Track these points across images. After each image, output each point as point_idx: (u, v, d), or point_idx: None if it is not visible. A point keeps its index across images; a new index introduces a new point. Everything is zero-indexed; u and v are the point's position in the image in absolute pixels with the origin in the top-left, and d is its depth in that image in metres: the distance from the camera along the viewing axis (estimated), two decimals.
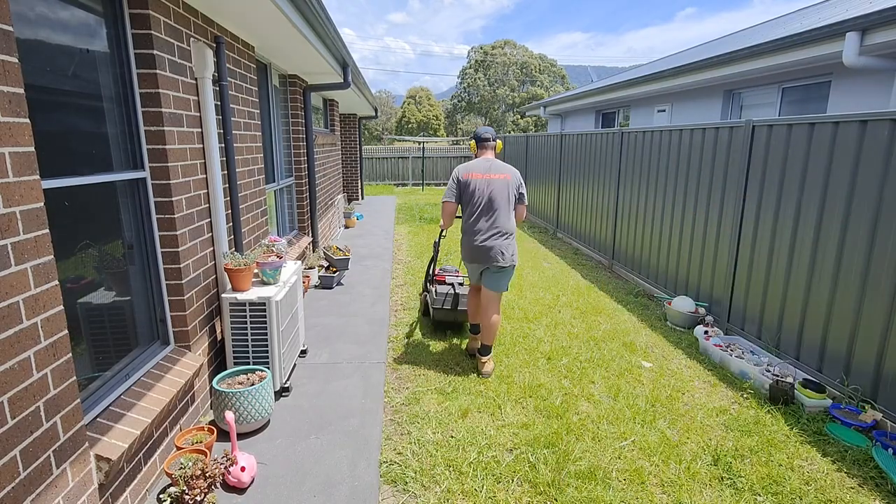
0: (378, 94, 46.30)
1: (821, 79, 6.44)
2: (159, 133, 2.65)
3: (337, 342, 4.30)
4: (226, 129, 3.46)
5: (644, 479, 2.68)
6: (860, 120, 3.31)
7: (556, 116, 16.26)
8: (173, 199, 2.75)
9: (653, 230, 5.99)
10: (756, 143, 4.28)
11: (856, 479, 2.70)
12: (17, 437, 1.59)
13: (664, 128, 5.74)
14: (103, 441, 2.07)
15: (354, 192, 13.80)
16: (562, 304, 5.61)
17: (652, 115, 10.43)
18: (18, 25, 1.84)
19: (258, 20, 3.53)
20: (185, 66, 2.92)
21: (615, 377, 3.86)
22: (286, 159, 6.10)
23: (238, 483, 2.45)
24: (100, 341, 2.41)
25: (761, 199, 4.22)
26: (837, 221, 3.47)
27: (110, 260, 2.50)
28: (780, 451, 2.94)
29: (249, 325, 3.18)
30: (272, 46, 4.51)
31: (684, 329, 4.86)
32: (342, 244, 6.65)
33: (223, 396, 2.82)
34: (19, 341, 1.61)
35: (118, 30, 2.48)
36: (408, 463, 2.78)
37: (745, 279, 4.42)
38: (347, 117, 13.03)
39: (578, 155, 8.44)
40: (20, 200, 1.61)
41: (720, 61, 7.14)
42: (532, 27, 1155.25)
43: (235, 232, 3.67)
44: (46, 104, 2.03)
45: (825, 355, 3.59)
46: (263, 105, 5.07)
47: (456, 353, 4.23)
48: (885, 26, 4.73)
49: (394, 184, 20.18)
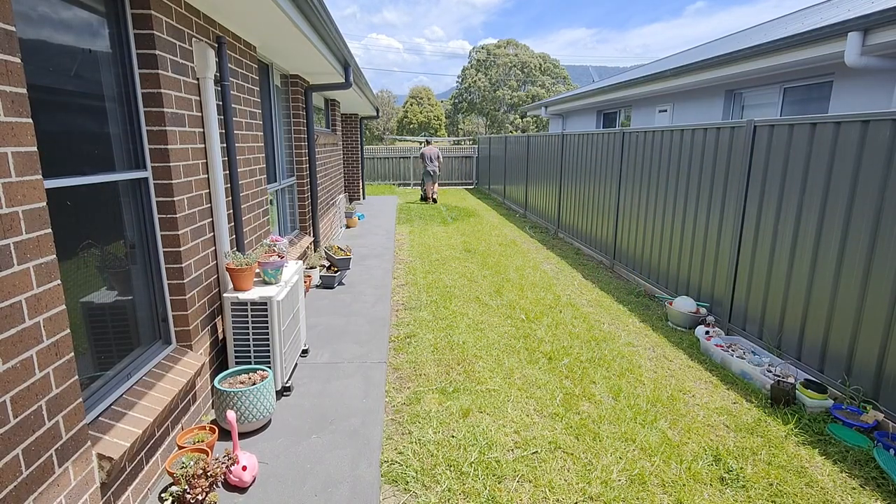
0: (379, 93, 46.27)
1: (822, 79, 6.43)
2: (161, 133, 2.66)
3: (338, 342, 4.31)
4: (227, 129, 3.47)
5: (645, 479, 2.68)
6: (862, 120, 3.30)
7: (557, 116, 16.26)
8: (175, 199, 2.75)
9: (654, 230, 5.99)
10: (758, 143, 4.27)
11: (857, 480, 2.70)
12: (19, 436, 1.59)
13: (665, 128, 5.73)
14: (105, 440, 2.08)
15: (356, 192, 13.81)
16: (563, 304, 5.61)
17: (653, 115, 10.43)
18: (21, 25, 1.85)
19: (260, 20, 3.53)
20: (187, 66, 2.92)
21: (616, 377, 3.86)
22: (288, 159, 6.10)
23: (239, 482, 2.45)
24: (102, 340, 2.42)
25: (763, 199, 4.22)
26: (839, 221, 3.47)
27: (112, 259, 2.50)
28: (781, 451, 2.94)
29: (251, 325, 3.19)
30: (274, 46, 4.51)
31: (685, 329, 4.86)
32: (343, 244, 6.65)
33: (225, 396, 2.83)
34: (21, 340, 1.61)
35: (120, 30, 2.48)
36: (409, 462, 2.78)
37: (746, 279, 4.41)
38: (349, 117, 13.04)
39: (580, 155, 8.44)
40: (23, 200, 1.62)
41: (721, 61, 7.13)
42: (535, 23, 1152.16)
43: (237, 231, 3.68)
44: (49, 104, 2.03)
45: (826, 356, 3.58)
46: (265, 105, 5.08)
47: (457, 354, 4.24)
48: (887, 26, 4.72)
49: (395, 184, 20.20)
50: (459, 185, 19.91)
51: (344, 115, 12.89)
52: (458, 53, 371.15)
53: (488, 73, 44.23)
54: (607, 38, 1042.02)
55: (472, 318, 5.12)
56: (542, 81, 43.10)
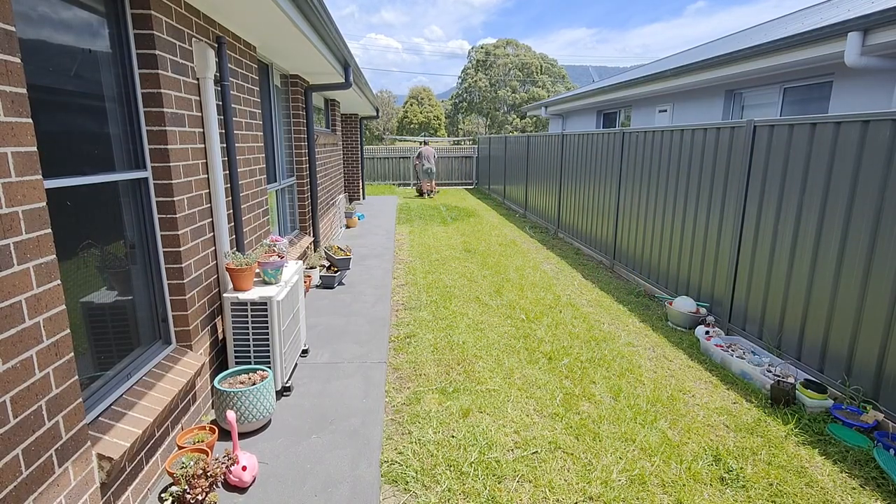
0: (379, 93, 46.24)
1: (822, 79, 6.43)
2: (161, 133, 2.66)
3: (338, 342, 4.31)
4: (227, 129, 3.47)
5: (645, 479, 2.68)
6: (862, 120, 3.30)
7: (557, 116, 16.26)
8: (175, 199, 2.75)
9: (654, 230, 5.99)
10: (758, 143, 4.27)
11: (857, 480, 2.70)
12: (19, 436, 1.59)
13: (665, 128, 5.73)
14: (105, 440, 2.08)
15: (356, 192, 13.81)
16: (563, 304, 5.61)
17: (653, 115, 10.43)
18: (21, 25, 1.84)
19: (260, 20, 3.53)
20: (186, 66, 2.92)
21: (616, 377, 3.86)
22: (287, 159, 6.10)
23: (239, 482, 2.45)
24: (102, 340, 2.42)
25: (763, 199, 4.22)
26: (839, 221, 3.47)
27: (112, 259, 2.50)
28: (781, 451, 2.94)
29: (251, 325, 3.19)
30: (274, 46, 4.51)
31: (685, 329, 4.86)
32: (343, 244, 6.65)
33: (225, 396, 2.83)
34: (21, 341, 1.61)
35: (120, 30, 2.48)
36: (409, 462, 2.78)
37: (746, 279, 4.41)
38: (349, 117, 13.04)
39: (580, 155, 8.44)
40: (22, 200, 1.62)
41: (721, 61, 7.13)
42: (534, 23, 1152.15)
43: (237, 231, 3.68)
44: (49, 104, 2.03)
45: (826, 356, 3.58)
46: (265, 105, 5.08)
47: (457, 354, 4.24)
48: (887, 26, 4.72)
49: (395, 184, 20.20)
50: (459, 185, 19.90)
51: (344, 115, 12.89)
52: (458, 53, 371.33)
53: (488, 73, 44.21)
54: (607, 38, 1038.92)
55: (472, 318, 5.12)
56: (542, 82, 43.09)
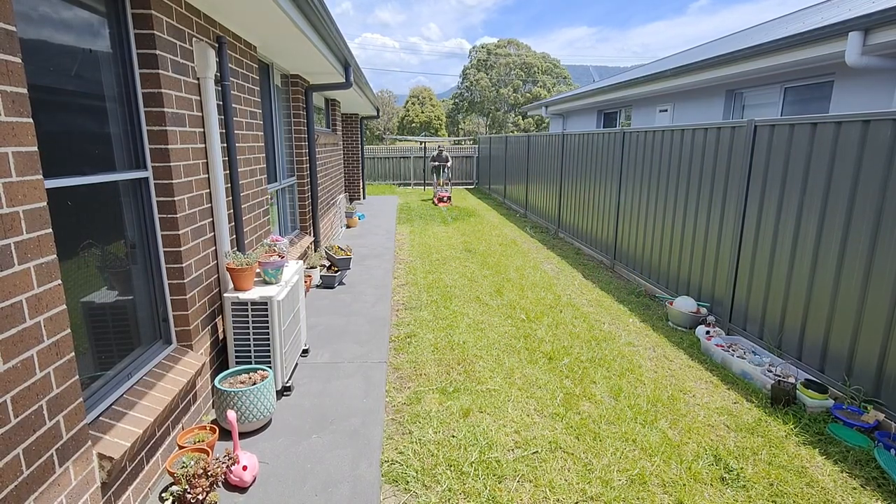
0: (379, 93, 46.25)
1: (823, 79, 6.42)
2: (162, 133, 2.66)
3: (338, 342, 4.31)
4: (228, 129, 3.47)
5: (645, 479, 2.68)
6: (863, 120, 3.30)
7: (557, 116, 16.26)
8: (175, 199, 2.75)
9: (654, 230, 5.98)
10: (758, 142, 4.27)
11: (858, 480, 2.70)
12: (19, 435, 1.59)
13: (666, 127, 5.73)
14: (105, 440, 2.08)
15: (356, 192, 13.81)
16: (563, 303, 5.61)
17: (654, 114, 10.42)
18: (21, 25, 1.85)
19: (260, 20, 3.53)
20: (187, 66, 2.92)
21: (616, 377, 3.86)
22: (288, 159, 6.11)
23: (240, 482, 2.45)
24: (102, 340, 2.42)
25: (763, 199, 4.21)
26: (840, 221, 3.46)
27: (113, 259, 2.51)
28: (782, 451, 2.94)
29: (251, 325, 3.19)
30: (274, 46, 4.51)
31: (686, 329, 4.86)
32: (344, 244, 6.65)
33: (225, 395, 2.83)
34: (22, 340, 1.61)
35: (121, 30, 2.48)
36: (409, 462, 2.78)
37: (746, 279, 4.41)
38: (349, 117, 13.04)
39: (580, 155, 8.44)
40: (23, 200, 1.62)
41: (722, 61, 7.12)
42: (535, 22, 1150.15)
43: (237, 231, 3.68)
44: (49, 104, 2.03)
45: (827, 356, 3.58)
46: (265, 105, 5.08)
47: (458, 354, 4.24)
48: (888, 26, 4.71)
49: (396, 184, 20.20)
50: (460, 184, 19.90)
51: (344, 115, 12.89)
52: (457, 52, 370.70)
53: (489, 72, 44.19)
54: (608, 37, 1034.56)
55: (472, 317, 5.12)
56: (543, 81, 43.07)
